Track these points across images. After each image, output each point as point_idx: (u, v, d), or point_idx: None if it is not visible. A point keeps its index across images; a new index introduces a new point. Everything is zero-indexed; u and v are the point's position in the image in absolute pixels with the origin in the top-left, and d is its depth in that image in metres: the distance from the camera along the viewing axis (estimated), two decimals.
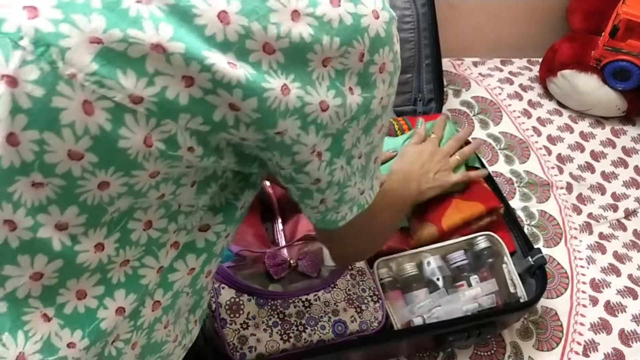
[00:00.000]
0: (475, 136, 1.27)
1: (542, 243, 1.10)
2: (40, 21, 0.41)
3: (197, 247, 0.57)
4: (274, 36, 0.44)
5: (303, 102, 0.46)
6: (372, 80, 0.49)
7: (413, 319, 0.86)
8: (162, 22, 0.42)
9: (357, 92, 0.49)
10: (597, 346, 0.97)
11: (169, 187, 0.50)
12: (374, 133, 0.53)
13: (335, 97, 0.47)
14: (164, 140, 0.45)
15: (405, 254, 0.92)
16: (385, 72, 0.50)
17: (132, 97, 0.43)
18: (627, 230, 1.15)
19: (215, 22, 0.43)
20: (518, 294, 0.90)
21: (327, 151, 0.50)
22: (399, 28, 1.32)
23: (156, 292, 0.55)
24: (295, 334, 0.80)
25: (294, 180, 0.53)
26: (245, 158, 0.51)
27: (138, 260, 0.52)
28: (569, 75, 1.30)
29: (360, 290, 0.86)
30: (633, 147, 1.31)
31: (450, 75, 1.39)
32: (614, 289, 1.05)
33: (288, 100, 0.45)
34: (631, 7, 1.21)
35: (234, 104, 0.44)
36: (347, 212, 0.58)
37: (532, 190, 1.19)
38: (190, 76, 0.43)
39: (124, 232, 0.50)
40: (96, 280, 0.50)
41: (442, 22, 1.20)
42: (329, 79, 0.47)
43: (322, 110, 0.47)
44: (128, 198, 0.48)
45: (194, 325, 0.65)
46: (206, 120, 0.45)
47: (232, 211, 0.58)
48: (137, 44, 0.42)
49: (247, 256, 0.86)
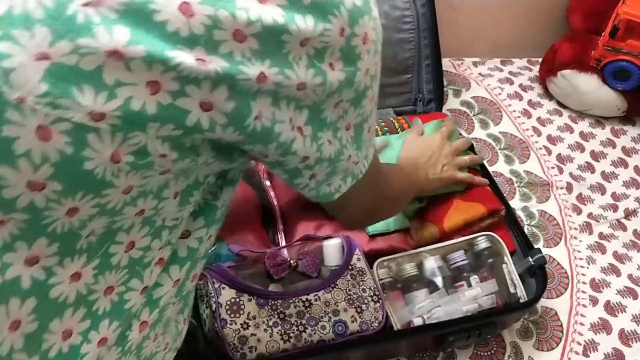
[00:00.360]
0: (475, 136, 1.27)
1: (542, 243, 1.10)
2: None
3: (180, 257, 0.54)
4: (244, 22, 0.40)
5: (281, 86, 0.43)
6: (356, 54, 0.46)
7: (413, 319, 0.86)
8: (117, 25, 0.37)
9: (339, 67, 0.45)
10: (597, 346, 0.98)
11: (150, 202, 0.46)
12: (365, 104, 0.51)
13: (315, 76, 0.44)
14: (132, 153, 0.41)
15: (405, 254, 0.92)
16: (369, 41, 0.47)
17: (93, 115, 0.38)
18: (627, 230, 1.15)
19: (178, 16, 0.38)
20: (518, 294, 0.91)
21: (308, 125, 0.47)
22: (399, 28, 1.32)
23: (142, 313, 0.52)
24: (295, 334, 0.80)
25: (281, 164, 0.50)
26: (224, 151, 0.47)
27: (123, 285, 0.49)
28: (569, 75, 1.30)
29: (360, 290, 0.86)
30: (633, 147, 1.31)
31: (450, 75, 1.39)
32: (614, 289, 1.05)
33: (266, 86, 0.42)
34: (631, 7, 1.21)
35: (205, 102, 0.41)
36: (341, 184, 0.55)
37: (532, 190, 1.19)
38: (155, 81, 0.39)
39: (104, 257, 0.47)
40: (82, 316, 0.47)
41: (442, 22, 1.20)
42: (307, 58, 0.43)
43: (299, 89, 0.44)
44: (102, 218, 0.44)
45: (184, 324, 0.63)
46: (178, 126, 0.41)
47: (212, 212, 0.55)
48: (90, 54, 0.37)
49: (247, 256, 0.86)
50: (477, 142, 1.25)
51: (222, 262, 0.86)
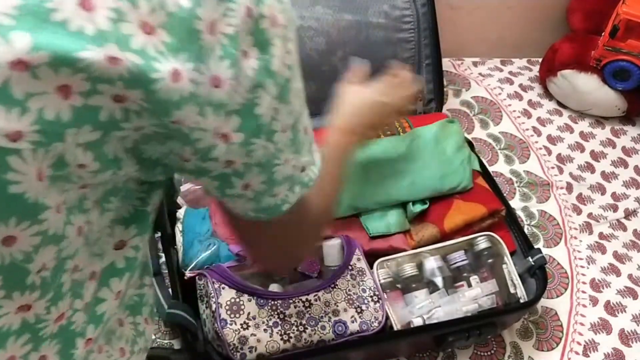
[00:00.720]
0: (475, 136, 1.27)
1: (542, 243, 1.10)
2: None
3: (117, 268, 0.51)
4: (146, 11, 0.36)
5: (197, 83, 0.39)
6: (267, 38, 0.42)
7: (413, 319, 0.86)
8: (14, 31, 0.33)
9: (253, 55, 0.41)
10: (597, 346, 0.98)
11: (79, 217, 0.43)
12: (292, 100, 0.46)
13: (229, 67, 0.40)
14: (52, 165, 0.38)
15: (405, 255, 0.92)
16: (278, 25, 0.43)
17: (9, 135, 0.35)
18: (627, 230, 1.15)
19: (78, 12, 0.35)
20: (518, 294, 0.90)
21: (239, 132, 0.43)
22: (399, 28, 1.32)
23: (87, 330, 0.50)
24: (295, 334, 0.80)
25: (204, 171, 0.46)
26: (146, 163, 0.44)
27: (71, 309, 0.47)
28: (569, 75, 1.30)
29: (360, 290, 0.86)
30: (633, 147, 1.31)
31: (450, 75, 1.39)
32: (614, 289, 1.05)
33: (181, 87, 0.38)
34: (631, 7, 1.21)
35: (118, 95, 0.38)
36: (288, 194, 0.50)
37: (532, 190, 1.19)
38: (64, 85, 0.36)
39: (57, 289, 0.45)
40: (24, 341, 0.45)
41: (442, 22, 1.20)
42: (220, 48, 0.39)
43: (215, 86, 0.40)
44: (48, 247, 0.41)
45: (145, 324, 0.60)
46: (94, 126, 0.38)
47: (144, 218, 0.52)
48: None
49: (247, 256, 0.86)
50: (477, 142, 1.25)
51: (222, 262, 0.86)
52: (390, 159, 0.99)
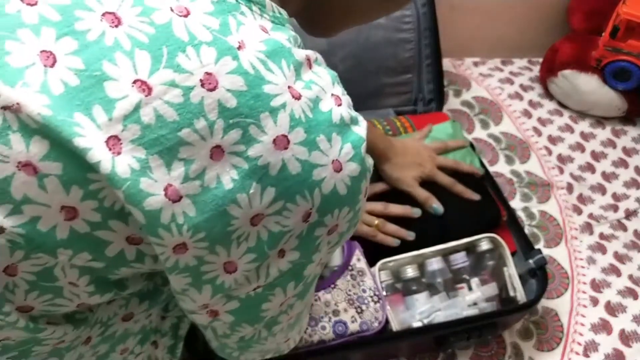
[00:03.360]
0: (476, 136, 1.27)
1: (543, 243, 1.10)
2: None
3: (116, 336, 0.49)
4: (179, 176, 0.34)
5: (205, 262, 0.36)
6: (314, 245, 0.38)
7: (413, 324, 0.86)
8: (36, 135, 0.33)
9: (291, 257, 0.38)
10: (598, 346, 0.97)
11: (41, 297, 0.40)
12: (308, 295, 0.43)
13: (251, 262, 0.37)
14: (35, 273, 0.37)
15: (406, 256, 0.92)
16: (336, 233, 0.39)
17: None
18: (627, 231, 1.15)
19: (104, 151, 0.33)
20: (518, 297, 0.90)
21: (229, 314, 0.40)
22: (399, 28, 1.32)
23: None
24: None
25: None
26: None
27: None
28: (569, 75, 1.30)
29: (360, 290, 0.86)
30: (633, 148, 1.31)
31: (451, 75, 1.39)
32: (614, 289, 1.05)
33: (185, 259, 0.35)
34: (631, 7, 1.21)
35: (133, 237, 0.36)
36: (256, 358, 0.48)
37: (533, 191, 1.19)
38: (72, 207, 0.35)
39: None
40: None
41: (442, 22, 1.20)
42: (255, 241, 0.36)
43: (228, 272, 0.37)
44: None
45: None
46: (95, 256, 0.36)
47: (157, 295, 0.51)
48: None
49: None
50: (477, 142, 1.25)
51: None
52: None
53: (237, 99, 0.34)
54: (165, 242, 0.34)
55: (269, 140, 0.34)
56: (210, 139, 0.33)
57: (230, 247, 0.36)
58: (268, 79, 0.35)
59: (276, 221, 0.36)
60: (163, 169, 0.33)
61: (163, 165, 0.33)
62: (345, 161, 0.37)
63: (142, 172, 0.33)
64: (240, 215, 0.35)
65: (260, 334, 0.43)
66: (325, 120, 0.36)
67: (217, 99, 0.33)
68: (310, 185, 0.36)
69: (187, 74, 0.33)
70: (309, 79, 0.37)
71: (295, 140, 0.35)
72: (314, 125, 0.36)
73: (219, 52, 0.34)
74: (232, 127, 0.34)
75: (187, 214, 0.34)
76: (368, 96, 1.16)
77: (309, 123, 0.36)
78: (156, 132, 0.33)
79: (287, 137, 0.35)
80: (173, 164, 0.33)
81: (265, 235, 0.36)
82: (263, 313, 0.41)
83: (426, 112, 1.20)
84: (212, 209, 0.34)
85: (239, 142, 0.34)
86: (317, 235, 0.38)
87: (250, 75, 0.34)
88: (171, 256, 0.35)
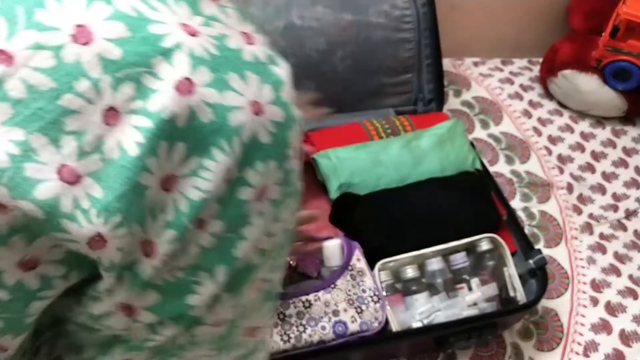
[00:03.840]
0: (476, 136, 1.27)
1: (543, 243, 1.10)
2: None
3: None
4: (72, 153, 0.29)
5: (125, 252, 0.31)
6: (241, 213, 0.32)
7: (413, 324, 0.86)
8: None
9: (213, 228, 0.31)
10: (598, 346, 0.97)
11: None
12: (246, 292, 0.35)
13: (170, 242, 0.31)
14: None
15: (406, 256, 0.92)
16: (267, 200, 0.33)
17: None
18: (627, 231, 1.15)
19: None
20: (518, 297, 0.90)
21: (148, 311, 0.33)
22: (399, 28, 1.31)
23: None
24: (295, 334, 0.80)
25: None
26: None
27: None
28: (569, 75, 1.30)
29: (360, 290, 0.86)
30: (633, 148, 1.31)
31: (451, 75, 1.39)
32: (614, 289, 1.05)
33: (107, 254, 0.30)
34: (631, 7, 1.21)
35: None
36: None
37: (533, 191, 1.19)
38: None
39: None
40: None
41: (442, 22, 1.20)
42: (174, 213, 0.30)
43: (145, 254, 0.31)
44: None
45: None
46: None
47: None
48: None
49: None
50: (477, 142, 1.25)
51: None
52: (395, 164, 1.00)
53: (121, 48, 0.29)
54: (74, 235, 0.29)
55: (169, 86, 0.29)
56: (99, 101, 0.29)
57: (148, 225, 0.30)
58: (154, 18, 0.30)
59: (194, 185, 0.30)
60: (50, 148, 0.28)
61: (49, 143, 0.28)
62: (265, 103, 0.31)
63: (24, 157, 0.28)
64: (151, 182, 0.29)
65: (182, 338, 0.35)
66: (234, 57, 0.31)
67: (96, 52, 0.29)
68: (227, 133, 0.30)
69: (52, 31, 0.28)
70: (212, 14, 0.32)
71: (201, 81, 0.30)
72: (221, 62, 0.31)
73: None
74: (122, 81, 0.29)
75: (92, 195, 0.29)
76: (368, 96, 1.16)
77: (215, 60, 0.30)
78: (31, 106, 0.28)
79: (191, 80, 0.30)
80: (61, 139, 0.28)
81: (183, 204, 0.30)
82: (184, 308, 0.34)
83: (426, 112, 1.20)
84: (122, 183, 0.29)
85: (135, 98, 0.29)
86: (243, 200, 0.32)
87: (132, 18, 0.30)
88: (90, 254, 0.30)
